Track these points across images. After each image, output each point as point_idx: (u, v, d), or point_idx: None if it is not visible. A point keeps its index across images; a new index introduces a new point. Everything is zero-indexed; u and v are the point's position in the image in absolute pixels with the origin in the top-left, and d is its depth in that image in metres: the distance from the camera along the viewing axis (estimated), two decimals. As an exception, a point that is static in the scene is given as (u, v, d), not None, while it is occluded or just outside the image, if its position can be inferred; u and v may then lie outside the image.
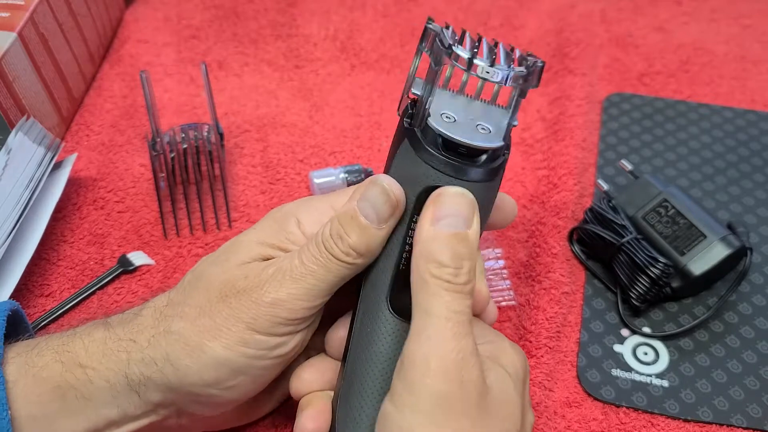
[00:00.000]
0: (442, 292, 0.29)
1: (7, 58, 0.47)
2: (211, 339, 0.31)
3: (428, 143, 0.30)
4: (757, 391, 0.41)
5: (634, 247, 0.44)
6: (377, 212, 0.31)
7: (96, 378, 0.32)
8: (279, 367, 0.33)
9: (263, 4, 0.66)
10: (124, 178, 0.52)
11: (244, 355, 0.32)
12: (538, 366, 0.42)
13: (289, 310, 0.31)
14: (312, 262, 0.32)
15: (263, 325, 0.31)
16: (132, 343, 0.32)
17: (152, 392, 0.32)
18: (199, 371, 0.32)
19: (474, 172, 0.31)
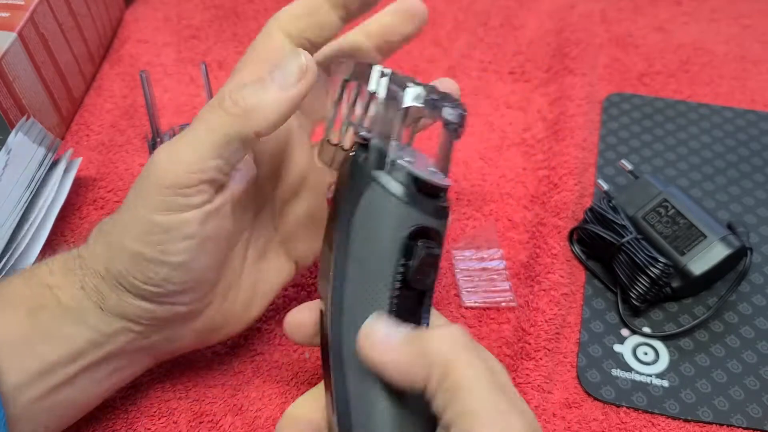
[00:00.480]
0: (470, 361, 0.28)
1: (7, 58, 0.47)
2: (124, 234, 0.32)
3: (406, 186, 0.31)
4: (757, 391, 0.41)
5: (634, 247, 0.44)
6: (284, 74, 0.30)
7: (63, 296, 0.33)
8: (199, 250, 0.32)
9: (263, 4, 0.66)
10: (124, 178, 0.52)
11: (152, 243, 0.31)
12: (537, 369, 0.42)
13: (171, 173, 0.30)
14: (198, 119, 0.31)
15: (155, 202, 0.31)
16: (81, 259, 0.33)
17: (110, 303, 0.33)
18: (126, 269, 0.32)
19: (443, 210, 0.32)
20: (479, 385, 0.27)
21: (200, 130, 0.31)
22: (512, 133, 0.56)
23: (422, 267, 0.31)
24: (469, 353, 0.28)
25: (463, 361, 0.27)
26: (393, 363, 0.29)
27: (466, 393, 0.27)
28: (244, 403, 0.41)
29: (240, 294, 0.37)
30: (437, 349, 0.28)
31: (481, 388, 0.27)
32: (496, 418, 0.26)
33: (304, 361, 0.43)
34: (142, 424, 0.40)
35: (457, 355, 0.28)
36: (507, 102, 0.58)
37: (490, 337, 0.44)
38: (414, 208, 0.31)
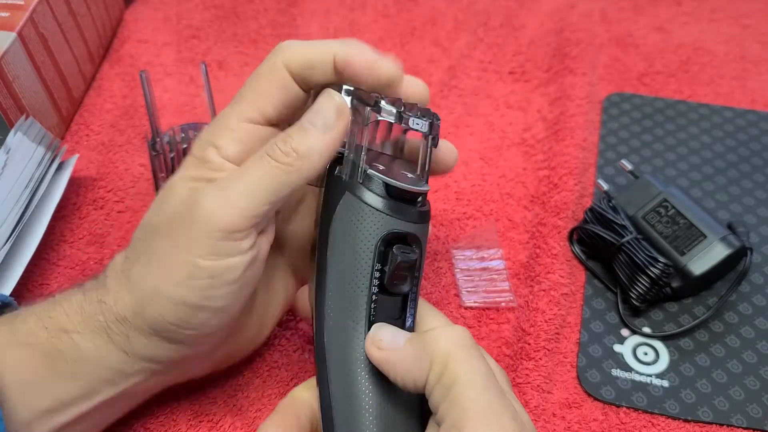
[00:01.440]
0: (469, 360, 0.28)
1: (6, 57, 0.47)
2: (162, 280, 0.31)
3: (376, 193, 0.32)
4: (757, 391, 0.41)
5: (634, 247, 0.44)
6: (323, 118, 0.31)
7: (82, 342, 0.32)
8: (240, 292, 0.33)
9: (263, 4, 0.66)
10: (124, 178, 0.52)
11: (196, 288, 0.31)
12: (537, 369, 0.42)
13: (225, 219, 0.30)
14: (250, 167, 0.31)
15: (203, 248, 0.30)
16: (103, 305, 0.33)
17: (138, 347, 0.33)
18: (162, 316, 0.32)
19: (419, 214, 0.33)
20: (475, 382, 0.27)
21: (253, 178, 0.31)
22: (512, 133, 0.56)
23: (398, 272, 0.32)
24: (469, 352, 0.28)
25: (461, 358, 0.28)
26: (399, 361, 0.30)
27: (460, 389, 0.27)
28: (243, 404, 0.41)
29: (254, 321, 0.37)
30: (438, 346, 0.29)
31: (476, 386, 0.27)
32: (488, 416, 0.27)
33: (304, 361, 0.43)
34: (141, 423, 0.40)
35: (456, 352, 0.28)
36: (507, 102, 0.58)
37: (489, 337, 0.44)
38: (386, 215, 0.32)
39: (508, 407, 0.28)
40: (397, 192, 0.32)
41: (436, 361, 0.28)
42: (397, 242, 0.32)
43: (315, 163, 0.31)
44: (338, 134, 0.32)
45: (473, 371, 0.28)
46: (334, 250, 0.33)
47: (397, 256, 0.32)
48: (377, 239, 0.32)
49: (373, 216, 0.32)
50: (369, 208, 0.32)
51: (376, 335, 0.31)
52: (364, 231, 0.32)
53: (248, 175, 0.31)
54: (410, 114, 0.32)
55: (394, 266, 0.32)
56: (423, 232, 0.33)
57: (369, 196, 0.32)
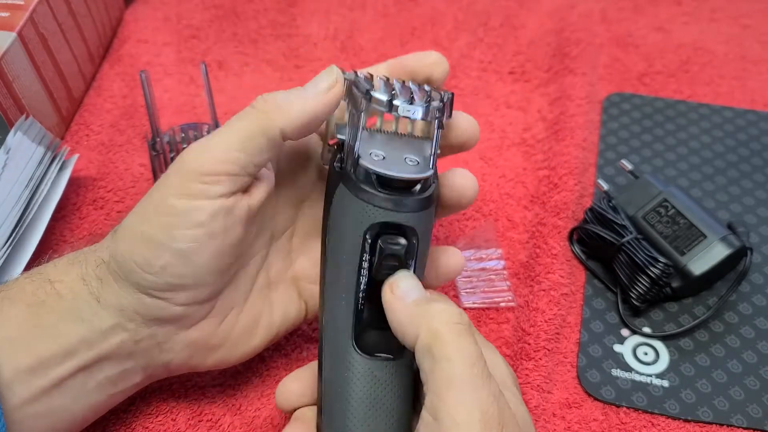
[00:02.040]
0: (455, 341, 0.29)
1: (6, 57, 0.47)
2: (135, 218, 0.33)
3: (364, 183, 0.31)
4: (757, 391, 0.41)
5: (634, 247, 0.44)
6: (314, 84, 0.33)
7: (63, 290, 0.33)
8: (204, 242, 0.32)
9: (263, 4, 0.66)
10: (124, 178, 0.52)
11: (160, 225, 0.32)
12: (537, 369, 0.42)
13: (198, 162, 0.32)
14: (230, 120, 0.33)
15: (175, 187, 0.32)
16: (90, 251, 0.34)
17: (108, 294, 0.33)
18: (130, 253, 0.33)
19: (412, 202, 0.32)
20: (460, 359, 0.28)
21: (231, 126, 0.33)
22: (512, 133, 0.56)
23: (384, 263, 0.32)
24: (460, 329, 0.29)
25: (452, 334, 0.29)
26: (398, 312, 0.31)
27: (446, 363, 0.28)
28: (242, 403, 0.41)
29: (242, 318, 0.37)
30: (432, 318, 0.30)
31: (461, 363, 0.28)
32: (467, 390, 0.28)
33: (303, 360, 0.43)
34: (140, 422, 0.40)
35: (448, 327, 0.29)
36: (507, 102, 0.58)
37: (489, 337, 0.44)
38: (372, 205, 0.31)
39: (490, 386, 0.28)
40: (389, 181, 0.32)
41: (426, 330, 0.29)
42: (390, 232, 0.32)
43: (291, 117, 0.32)
44: (322, 101, 0.32)
45: (461, 349, 0.29)
46: (331, 239, 0.33)
47: (384, 248, 0.31)
48: (364, 230, 0.31)
49: (360, 207, 0.31)
50: (357, 200, 0.31)
51: (396, 280, 0.32)
52: (352, 222, 0.32)
53: (228, 124, 0.33)
54: (402, 100, 0.32)
55: (379, 257, 0.32)
56: (419, 220, 0.32)
57: (358, 187, 0.31)
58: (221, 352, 0.37)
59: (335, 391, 0.32)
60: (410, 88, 0.33)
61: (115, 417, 0.40)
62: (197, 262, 0.33)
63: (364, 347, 0.32)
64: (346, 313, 0.32)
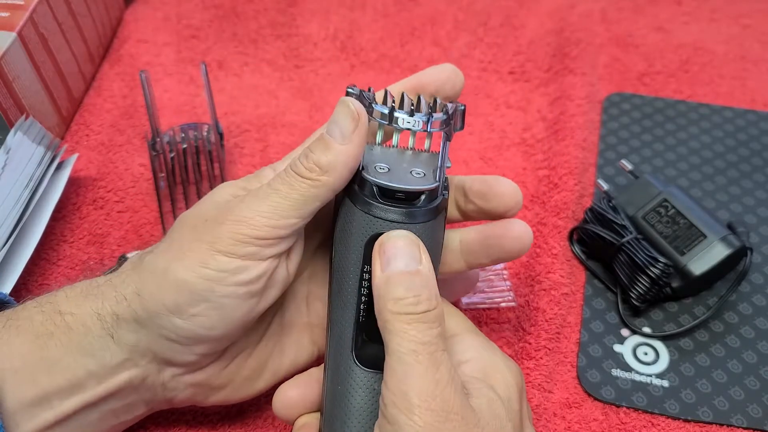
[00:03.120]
0: (405, 326, 0.29)
1: (6, 57, 0.47)
2: (174, 262, 0.32)
3: (366, 195, 0.32)
4: (758, 391, 0.41)
5: (634, 247, 0.44)
6: (341, 128, 0.32)
7: (74, 323, 0.32)
8: (246, 299, 0.33)
9: (263, 4, 0.66)
10: (124, 177, 0.52)
11: (204, 277, 0.31)
12: (537, 368, 0.42)
13: (252, 226, 0.31)
14: (278, 183, 0.32)
15: (224, 243, 0.31)
16: (109, 285, 0.33)
17: (124, 332, 0.33)
18: (160, 295, 0.32)
19: (414, 214, 0.32)
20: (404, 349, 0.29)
21: (281, 193, 0.32)
22: (512, 133, 0.56)
23: None
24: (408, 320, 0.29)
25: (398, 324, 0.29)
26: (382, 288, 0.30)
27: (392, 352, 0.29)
28: (243, 404, 0.41)
29: (250, 362, 0.37)
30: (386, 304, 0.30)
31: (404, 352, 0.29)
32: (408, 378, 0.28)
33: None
34: (141, 423, 0.40)
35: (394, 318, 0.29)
36: (507, 102, 0.58)
37: (490, 337, 0.44)
38: (373, 216, 0.31)
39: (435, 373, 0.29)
40: (391, 193, 0.32)
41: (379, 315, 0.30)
42: None
43: (339, 175, 0.32)
44: (357, 141, 0.32)
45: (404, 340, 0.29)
46: (336, 250, 0.33)
47: None
48: (364, 242, 0.32)
49: (361, 218, 0.32)
50: (358, 211, 0.32)
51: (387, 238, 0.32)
52: (354, 234, 0.32)
53: (277, 190, 0.32)
54: (402, 112, 0.32)
55: None
56: (423, 231, 0.32)
57: (360, 199, 0.32)
58: (225, 392, 0.37)
59: (336, 402, 0.33)
60: (411, 100, 0.33)
61: (116, 417, 0.40)
62: (231, 317, 0.33)
63: (364, 360, 0.32)
64: (348, 325, 0.33)
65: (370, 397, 0.32)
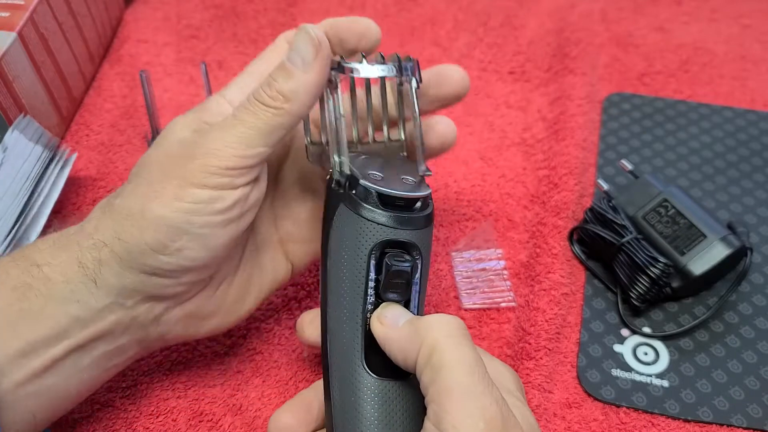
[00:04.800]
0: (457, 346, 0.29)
1: (6, 57, 0.47)
2: (149, 201, 0.32)
3: (367, 202, 0.32)
4: (758, 391, 0.41)
5: (634, 247, 0.44)
6: (302, 56, 0.32)
7: (52, 273, 0.33)
8: (224, 227, 0.33)
9: (263, 4, 0.66)
10: (124, 177, 0.52)
11: (181, 210, 0.32)
12: (538, 368, 0.42)
13: (220, 157, 0.32)
14: (242, 113, 0.33)
15: (196, 177, 0.32)
16: (81, 233, 0.34)
17: (108, 275, 0.33)
18: (141, 236, 0.32)
19: (416, 220, 0.32)
20: (460, 367, 0.28)
21: (247, 124, 0.33)
22: (512, 133, 0.56)
23: (391, 281, 0.32)
24: (457, 340, 0.29)
25: (449, 344, 0.29)
26: (395, 339, 0.31)
27: (446, 372, 0.28)
28: (243, 403, 0.41)
29: (234, 285, 0.38)
30: (429, 332, 0.30)
31: (460, 370, 0.28)
32: (469, 398, 0.28)
33: (303, 360, 0.43)
34: (141, 423, 0.40)
35: (445, 337, 0.29)
36: (507, 102, 0.58)
37: (490, 337, 0.44)
38: (377, 225, 0.32)
39: (492, 392, 0.28)
40: (391, 200, 0.32)
41: (425, 344, 0.29)
42: (393, 250, 0.32)
43: (302, 103, 0.33)
44: (319, 69, 0.33)
45: (460, 357, 0.29)
46: (333, 260, 0.33)
47: (390, 266, 0.32)
48: (369, 249, 0.32)
49: (365, 226, 0.32)
50: (360, 219, 0.32)
51: (381, 312, 0.32)
52: (356, 241, 0.32)
53: (242, 121, 0.33)
54: (374, 61, 0.33)
55: (385, 276, 0.32)
56: (421, 237, 0.33)
57: (360, 206, 0.32)
58: (216, 319, 0.38)
59: (347, 414, 0.32)
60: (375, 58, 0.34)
61: (117, 417, 0.40)
62: (213, 245, 0.34)
63: (374, 368, 0.32)
64: (354, 335, 0.32)
65: (383, 405, 0.32)
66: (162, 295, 0.34)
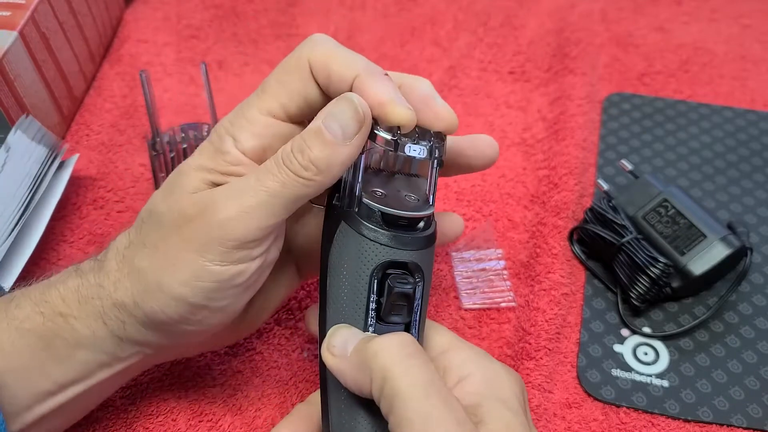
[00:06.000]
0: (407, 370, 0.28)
1: (8, 56, 0.47)
2: (167, 275, 0.31)
3: (369, 221, 0.31)
4: (757, 391, 0.41)
5: (634, 247, 0.44)
6: (343, 127, 0.29)
7: (78, 326, 0.32)
8: (244, 295, 0.33)
9: (263, 4, 0.66)
10: (124, 177, 0.52)
11: (201, 290, 0.31)
12: (538, 368, 0.42)
13: (241, 229, 0.30)
14: (267, 178, 0.30)
15: (214, 253, 0.30)
16: (101, 289, 0.32)
17: (133, 333, 0.33)
18: (162, 310, 0.31)
19: (418, 240, 0.31)
20: (414, 392, 0.27)
21: (270, 191, 0.30)
22: (512, 133, 0.56)
23: (393, 303, 0.31)
24: (406, 362, 0.28)
25: (399, 370, 0.28)
26: (347, 370, 0.30)
27: (400, 401, 0.27)
28: (243, 403, 0.41)
29: (253, 310, 0.37)
30: (376, 358, 0.28)
31: (416, 396, 0.27)
32: (429, 425, 0.27)
33: (303, 360, 0.43)
34: (141, 423, 0.40)
35: (393, 364, 0.28)
36: (507, 102, 0.58)
37: (490, 337, 0.44)
38: (380, 245, 0.31)
39: (453, 412, 0.27)
40: (394, 219, 0.31)
41: (375, 374, 0.28)
42: (395, 271, 0.31)
43: (334, 176, 0.30)
44: (358, 145, 0.30)
45: (412, 382, 0.27)
46: (333, 280, 0.32)
47: (393, 288, 0.31)
48: (371, 270, 0.31)
49: (367, 246, 0.31)
50: (363, 239, 0.31)
51: (329, 340, 0.31)
52: (358, 262, 0.31)
53: (266, 186, 0.30)
54: (406, 140, 0.30)
55: (387, 298, 0.31)
56: (424, 258, 0.32)
57: (363, 225, 0.31)
58: (232, 336, 0.38)
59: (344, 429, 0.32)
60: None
61: (116, 417, 0.40)
62: (234, 309, 0.33)
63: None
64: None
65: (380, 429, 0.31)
66: (186, 342, 0.35)
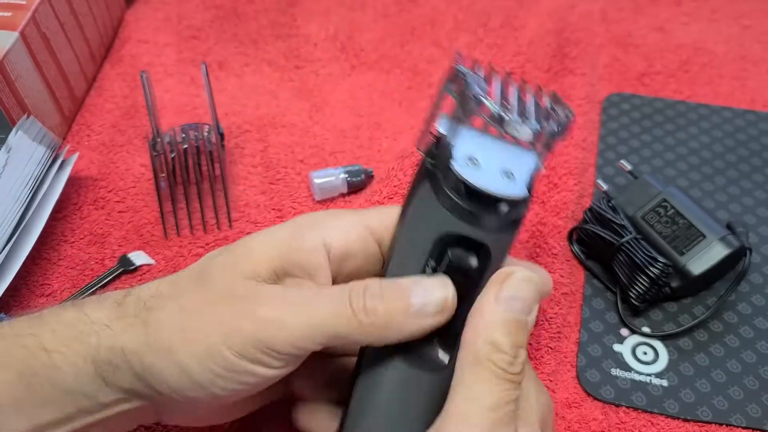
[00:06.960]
0: (494, 378, 0.28)
1: (9, 57, 0.47)
2: (181, 343, 0.29)
3: (450, 188, 0.29)
4: (757, 390, 0.41)
5: (633, 247, 0.44)
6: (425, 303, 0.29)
7: (62, 362, 0.30)
8: (244, 392, 0.31)
9: (263, 4, 0.66)
10: (125, 178, 0.52)
11: (208, 371, 0.29)
12: (538, 368, 0.42)
13: (274, 336, 0.29)
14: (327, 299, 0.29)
15: (239, 343, 0.29)
16: (105, 328, 0.30)
17: (121, 380, 0.30)
18: (161, 373, 0.30)
19: (496, 221, 0.29)
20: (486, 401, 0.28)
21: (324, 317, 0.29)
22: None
23: (448, 275, 0.30)
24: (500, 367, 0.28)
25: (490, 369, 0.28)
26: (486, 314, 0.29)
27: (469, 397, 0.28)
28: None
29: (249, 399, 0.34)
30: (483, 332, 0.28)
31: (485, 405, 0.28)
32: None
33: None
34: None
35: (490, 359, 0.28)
36: (507, 102, 0.58)
37: (489, 336, 0.44)
38: (450, 213, 0.29)
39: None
40: (474, 192, 0.29)
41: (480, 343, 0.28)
42: (458, 245, 0.29)
43: (392, 336, 0.29)
44: (429, 327, 0.29)
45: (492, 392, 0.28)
46: (403, 233, 0.31)
47: (451, 259, 0.29)
48: (435, 237, 0.29)
49: (439, 212, 0.29)
50: (437, 203, 0.29)
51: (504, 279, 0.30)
52: (427, 224, 0.29)
53: (322, 310, 0.29)
54: (510, 115, 0.28)
55: (443, 269, 0.30)
56: (498, 241, 0.29)
57: (441, 189, 0.29)
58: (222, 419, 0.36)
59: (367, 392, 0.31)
60: (525, 101, 0.29)
61: None
62: (228, 402, 0.31)
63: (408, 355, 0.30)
64: None
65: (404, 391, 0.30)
66: (171, 409, 0.33)
